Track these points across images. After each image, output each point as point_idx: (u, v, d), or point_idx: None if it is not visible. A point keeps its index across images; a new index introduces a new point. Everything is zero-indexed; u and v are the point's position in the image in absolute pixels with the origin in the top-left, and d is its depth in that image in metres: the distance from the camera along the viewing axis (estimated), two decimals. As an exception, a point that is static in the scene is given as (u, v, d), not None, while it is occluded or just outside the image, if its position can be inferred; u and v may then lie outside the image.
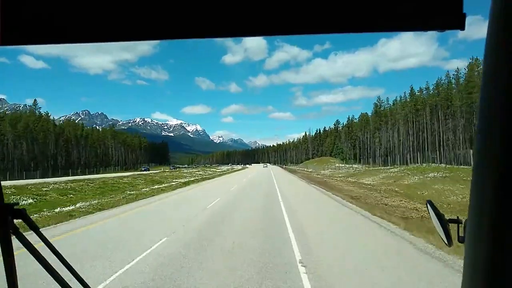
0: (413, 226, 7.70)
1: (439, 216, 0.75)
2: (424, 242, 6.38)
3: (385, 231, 7.71)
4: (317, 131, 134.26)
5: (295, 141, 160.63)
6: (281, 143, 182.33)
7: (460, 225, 0.69)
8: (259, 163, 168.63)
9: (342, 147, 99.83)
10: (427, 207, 0.84)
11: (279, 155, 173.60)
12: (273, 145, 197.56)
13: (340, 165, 72.55)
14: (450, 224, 0.73)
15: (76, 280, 0.69)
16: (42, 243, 0.64)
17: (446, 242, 0.74)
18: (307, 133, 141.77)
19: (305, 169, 72.60)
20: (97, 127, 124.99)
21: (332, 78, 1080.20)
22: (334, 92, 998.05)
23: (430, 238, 6.35)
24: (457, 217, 0.73)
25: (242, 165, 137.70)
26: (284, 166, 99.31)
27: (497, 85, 0.32)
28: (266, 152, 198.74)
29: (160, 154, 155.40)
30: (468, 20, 0.36)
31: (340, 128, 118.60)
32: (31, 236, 0.57)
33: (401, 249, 6.18)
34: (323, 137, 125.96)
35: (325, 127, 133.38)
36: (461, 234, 0.57)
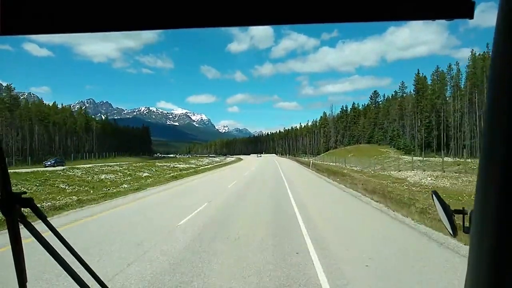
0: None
1: (445, 207, 0.73)
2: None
3: None
4: (342, 109, 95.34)
5: (308, 125, 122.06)
6: (290, 127, 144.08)
7: (465, 215, 0.67)
8: (262, 153, 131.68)
9: (397, 129, 60.83)
10: (432, 198, 0.81)
11: (288, 144, 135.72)
12: (279, 131, 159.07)
13: (404, 157, 34.75)
14: (455, 215, 0.72)
15: (84, 268, 0.67)
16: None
17: (451, 233, 0.72)
18: (327, 114, 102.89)
19: (341, 166, 35.14)
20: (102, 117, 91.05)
21: (339, 67, 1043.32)
22: (341, 81, 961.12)
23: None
24: (463, 208, 0.71)
25: (236, 157, 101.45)
26: (311, 160, 49.84)
27: (505, 79, 0.31)
28: (271, 139, 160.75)
29: (140, 141, 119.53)
30: (480, 7, 0.35)
31: (381, 101, 79.74)
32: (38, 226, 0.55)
33: None
34: (353, 116, 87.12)
35: (354, 104, 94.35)
36: (466, 224, 0.55)
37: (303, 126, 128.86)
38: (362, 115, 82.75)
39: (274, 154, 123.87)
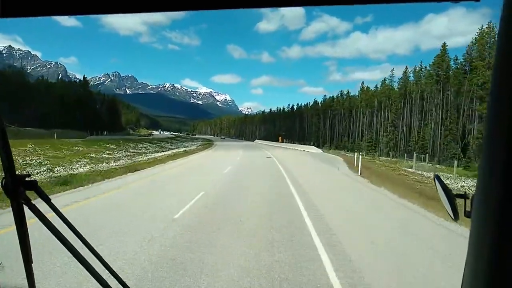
0: None
1: (446, 191, 0.73)
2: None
3: None
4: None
5: (386, 81, 54.87)
6: (339, 93, 75.35)
7: (467, 200, 0.67)
8: (276, 141, 69.50)
9: None
10: (434, 181, 0.81)
11: (330, 125, 70.29)
12: (314, 101, 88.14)
13: None
14: (457, 199, 0.72)
15: (88, 250, 0.68)
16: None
17: (453, 217, 0.72)
18: (491, 25, 35.26)
19: None
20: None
21: (370, 54, 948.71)
22: (371, 69, 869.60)
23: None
24: (465, 192, 0.71)
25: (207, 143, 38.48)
26: None
27: (509, 69, 0.31)
28: (297, 117, 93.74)
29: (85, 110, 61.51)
30: None
31: None
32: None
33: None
34: None
35: None
36: (468, 209, 0.58)
37: (365, 87, 62.06)
38: None
39: (313, 147, 43.49)
